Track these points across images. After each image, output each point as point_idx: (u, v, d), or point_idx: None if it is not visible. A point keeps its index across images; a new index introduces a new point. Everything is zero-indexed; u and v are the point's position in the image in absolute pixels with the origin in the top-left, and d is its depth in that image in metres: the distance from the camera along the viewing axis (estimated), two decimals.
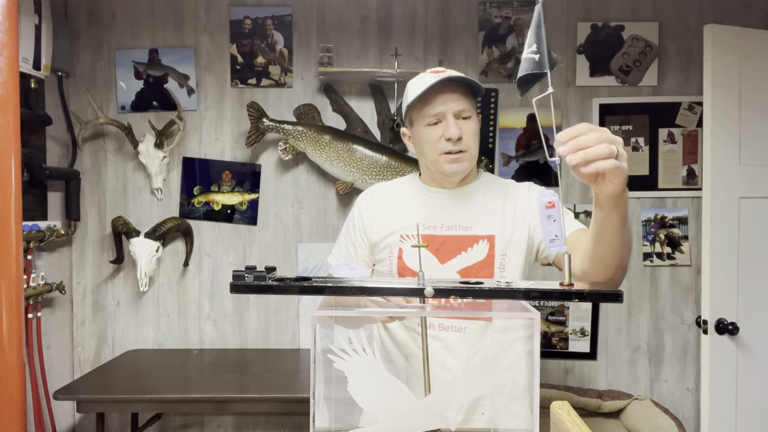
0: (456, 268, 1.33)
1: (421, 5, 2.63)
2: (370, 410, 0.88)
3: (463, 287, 0.86)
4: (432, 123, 1.33)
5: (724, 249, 2.12)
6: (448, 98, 1.31)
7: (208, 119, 2.65)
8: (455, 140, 1.30)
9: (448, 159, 1.33)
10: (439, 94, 1.31)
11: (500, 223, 1.37)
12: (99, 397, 2.06)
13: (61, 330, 2.59)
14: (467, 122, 1.33)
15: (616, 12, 2.61)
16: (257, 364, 2.43)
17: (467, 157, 1.34)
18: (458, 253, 1.34)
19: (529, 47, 0.86)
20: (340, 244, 1.51)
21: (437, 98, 1.31)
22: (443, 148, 1.32)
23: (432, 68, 1.39)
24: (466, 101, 1.33)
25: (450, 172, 1.35)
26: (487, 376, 0.86)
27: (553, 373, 2.66)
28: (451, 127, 1.30)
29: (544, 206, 0.84)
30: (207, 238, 2.67)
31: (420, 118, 1.35)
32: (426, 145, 1.36)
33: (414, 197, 1.44)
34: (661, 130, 2.61)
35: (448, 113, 1.31)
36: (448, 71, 1.34)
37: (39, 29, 2.25)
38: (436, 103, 1.31)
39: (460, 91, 1.33)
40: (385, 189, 1.51)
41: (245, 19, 2.61)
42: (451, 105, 1.31)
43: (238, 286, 0.88)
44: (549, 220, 0.83)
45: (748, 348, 2.14)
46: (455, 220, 1.37)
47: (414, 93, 1.33)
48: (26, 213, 2.28)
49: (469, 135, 1.33)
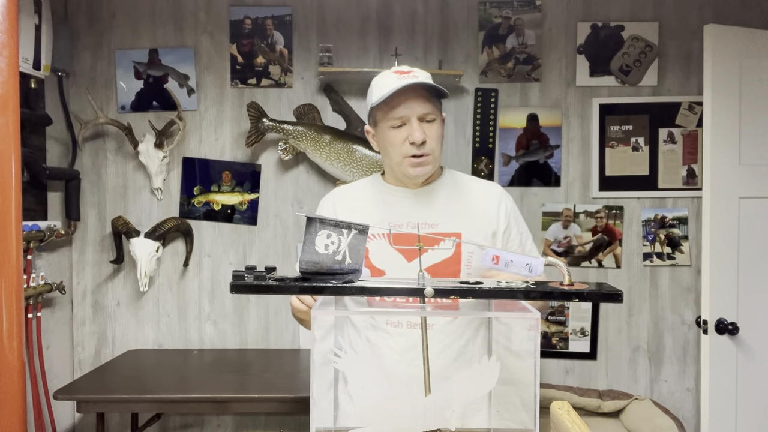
0: (424, 265, 1.33)
1: (421, 5, 2.63)
2: (371, 410, 0.88)
3: (463, 287, 0.86)
4: (396, 126, 1.33)
5: (724, 249, 2.12)
6: (413, 102, 1.30)
7: (208, 119, 2.66)
8: (419, 144, 1.31)
9: (411, 162, 1.34)
10: (404, 97, 1.30)
11: (466, 221, 1.38)
12: (99, 397, 2.06)
13: (61, 330, 2.59)
14: (431, 125, 1.33)
15: (616, 12, 2.61)
16: (257, 364, 2.43)
17: (431, 160, 1.35)
18: (425, 250, 1.35)
19: None
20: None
21: (402, 101, 1.30)
22: (407, 152, 1.33)
23: (397, 68, 1.37)
24: (431, 104, 1.33)
25: (413, 175, 1.36)
26: (487, 376, 0.86)
27: (553, 373, 2.66)
28: (415, 131, 1.30)
29: (494, 264, 0.87)
30: (207, 238, 2.67)
31: (384, 119, 1.34)
32: (390, 147, 1.35)
33: (378, 197, 1.44)
34: (661, 130, 2.61)
35: (413, 117, 1.31)
36: (414, 72, 1.33)
37: (39, 29, 2.25)
38: (401, 107, 1.31)
39: (426, 94, 1.32)
40: (347, 191, 1.50)
41: (245, 19, 2.61)
42: (416, 108, 1.31)
43: (238, 286, 0.88)
44: (509, 266, 0.85)
45: (748, 348, 2.14)
46: (421, 218, 1.38)
47: (378, 95, 1.32)
48: (26, 213, 2.28)
49: (433, 138, 1.33)
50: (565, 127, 2.62)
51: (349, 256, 0.87)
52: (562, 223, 2.63)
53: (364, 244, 0.88)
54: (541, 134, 2.61)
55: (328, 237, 0.86)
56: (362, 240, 0.88)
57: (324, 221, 0.86)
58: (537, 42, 2.61)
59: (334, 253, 0.86)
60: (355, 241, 0.87)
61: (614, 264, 2.64)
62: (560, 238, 2.64)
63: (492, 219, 1.41)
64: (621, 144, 2.62)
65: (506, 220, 1.42)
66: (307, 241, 0.86)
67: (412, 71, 1.33)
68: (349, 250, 0.87)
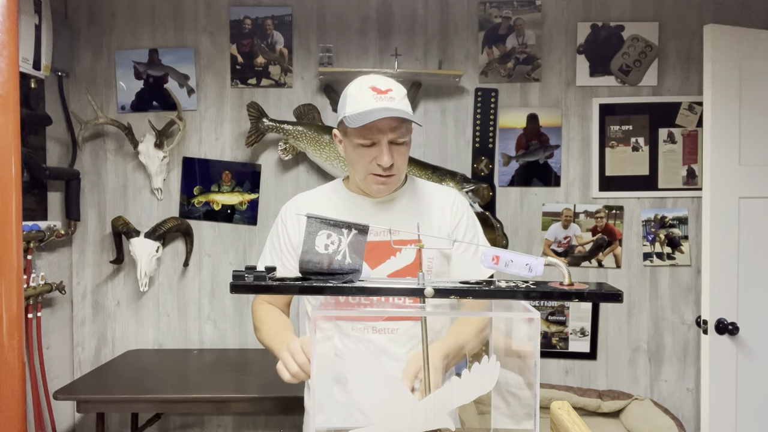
0: (386, 272, 1.35)
1: (421, 5, 2.63)
2: (370, 410, 0.88)
3: (463, 287, 0.86)
4: (366, 145, 1.31)
5: (724, 249, 2.12)
6: (386, 126, 1.28)
7: (208, 119, 2.65)
8: (386, 167, 1.31)
9: (376, 180, 1.34)
10: (378, 120, 1.26)
11: (424, 227, 1.39)
12: (99, 397, 2.06)
13: (61, 330, 2.59)
14: (400, 148, 1.32)
15: (616, 12, 2.61)
16: (257, 364, 2.42)
17: (395, 180, 1.36)
18: (387, 257, 1.36)
19: None
20: (266, 259, 1.47)
21: (375, 124, 1.27)
22: (373, 170, 1.33)
23: (374, 83, 1.31)
24: (403, 128, 1.31)
25: (376, 192, 1.37)
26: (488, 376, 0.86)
27: (553, 373, 2.66)
28: (384, 156, 1.29)
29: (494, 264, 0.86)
30: (207, 238, 2.67)
31: (355, 134, 1.31)
32: (357, 163, 1.35)
33: (341, 204, 1.43)
34: (661, 130, 2.61)
35: (384, 140, 1.29)
36: (392, 92, 1.29)
37: (39, 29, 2.25)
38: (374, 130, 1.28)
39: (399, 118, 1.29)
40: (309, 199, 1.49)
41: (245, 19, 2.61)
42: (388, 133, 1.29)
43: (238, 286, 0.88)
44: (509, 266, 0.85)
45: (748, 348, 2.14)
46: (383, 225, 1.37)
47: (352, 111, 1.28)
48: (26, 213, 2.28)
49: (400, 160, 1.33)
50: (565, 127, 2.62)
51: (349, 256, 0.87)
52: (562, 223, 2.63)
53: (364, 244, 0.88)
54: (541, 134, 2.61)
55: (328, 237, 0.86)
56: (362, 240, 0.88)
57: (324, 221, 0.86)
58: (537, 42, 2.61)
59: (334, 253, 0.86)
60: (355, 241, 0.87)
61: (614, 264, 2.64)
62: (560, 238, 2.64)
63: (447, 221, 1.42)
64: (621, 144, 2.62)
65: (455, 219, 1.43)
66: (307, 241, 0.86)
67: (390, 90, 1.30)
68: (349, 250, 0.87)
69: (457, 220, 1.44)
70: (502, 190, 2.64)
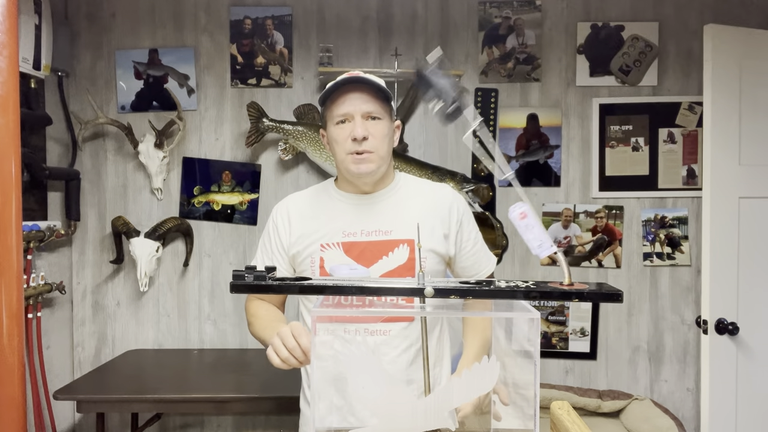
0: (378, 272, 1.33)
1: (421, 5, 2.63)
2: (370, 410, 0.88)
3: (464, 287, 0.86)
4: (340, 122, 1.33)
5: (724, 249, 2.12)
6: (357, 98, 1.31)
7: (208, 119, 2.65)
8: (360, 140, 1.30)
9: (353, 159, 1.33)
10: (349, 94, 1.31)
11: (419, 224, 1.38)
12: (99, 397, 2.06)
13: (61, 330, 2.59)
14: (376, 123, 1.33)
15: (616, 12, 2.61)
16: (257, 364, 2.42)
17: (374, 158, 1.33)
18: (380, 257, 1.34)
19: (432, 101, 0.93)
20: (257, 260, 1.47)
21: (347, 98, 1.31)
22: (349, 148, 1.32)
23: (350, 71, 1.37)
24: (376, 103, 1.32)
25: (355, 173, 1.34)
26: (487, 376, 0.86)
27: (553, 373, 2.66)
28: (357, 128, 1.30)
29: (518, 218, 0.84)
30: (207, 238, 2.67)
31: (330, 117, 1.35)
32: (335, 145, 1.36)
33: (332, 205, 1.42)
34: (661, 130, 2.61)
35: (357, 113, 1.31)
36: (367, 77, 1.33)
37: (39, 29, 2.25)
38: (345, 103, 1.31)
39: (371, 93, 1.32)
40: (300, 199, 1.48)
41: (245, 19, 2.61)
42: (361, 106, 1.31)
43: (238, 286, 0.88)
44: (527, 229, 0.83)
45: (748, 348, 2.14)
46: (375, 225, 1.37)
47: (325, 92, 1.34)
48: (26, 213, 2.28)
49: (377, 137, 1.32)
50: (565, 127, 2.62)
51: None
52: (562, 223, 2.63)
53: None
54: (541, 134, 2.61)
55: None
56: None
57: None
58: (537, 42, 2.61)
59: None
60: None
61: (614, 264, 2.64)
62: (560, 238, 2.64)
63: (444, 222, 1.40)
64: (621, 144, 2.62)
65: (458, 222, 1.42)
66: None
67: (361, 73, 1.34)
68: None
69: (460, 219, 1.43)
70: (502, 190, 2.64)
